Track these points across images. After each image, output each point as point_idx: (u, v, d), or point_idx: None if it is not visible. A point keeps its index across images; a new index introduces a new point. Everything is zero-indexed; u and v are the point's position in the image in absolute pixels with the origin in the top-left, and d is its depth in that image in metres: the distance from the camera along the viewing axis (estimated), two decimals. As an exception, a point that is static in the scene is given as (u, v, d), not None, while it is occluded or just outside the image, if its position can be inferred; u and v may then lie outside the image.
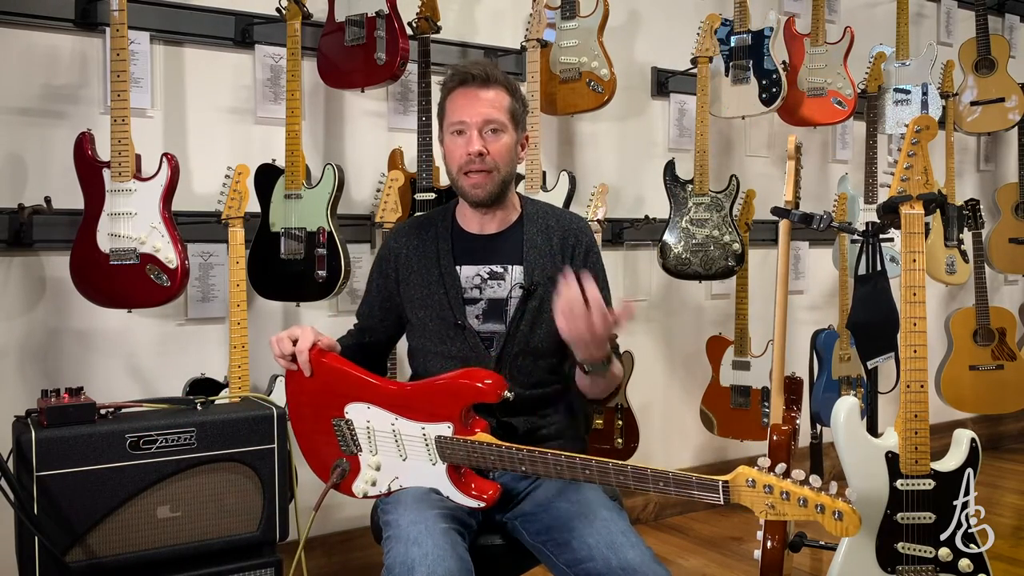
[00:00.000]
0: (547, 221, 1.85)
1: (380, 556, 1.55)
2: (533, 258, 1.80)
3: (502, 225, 1.84)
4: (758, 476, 1.40)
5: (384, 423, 1.66)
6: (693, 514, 3.55)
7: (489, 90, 1.74)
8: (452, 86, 1.77)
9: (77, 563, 1.78)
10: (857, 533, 1.37)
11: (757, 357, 3.34)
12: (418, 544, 1.48)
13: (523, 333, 1.78)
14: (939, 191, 1.98)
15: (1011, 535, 3.31)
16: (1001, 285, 4.64)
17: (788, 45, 3.47)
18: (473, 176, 1.74)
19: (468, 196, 1.78)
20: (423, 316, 1.83)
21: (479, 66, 1.75)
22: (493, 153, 1.73)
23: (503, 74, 1.78)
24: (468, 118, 1.73)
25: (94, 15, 2.44)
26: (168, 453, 1.86)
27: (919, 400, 1.88)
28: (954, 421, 4.14)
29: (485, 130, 1.73)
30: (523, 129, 1.82)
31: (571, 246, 1.83)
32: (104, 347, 2.51)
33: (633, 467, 1.47)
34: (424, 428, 1.63)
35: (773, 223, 3.37)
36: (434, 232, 1.86)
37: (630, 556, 1.52)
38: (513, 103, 1.77)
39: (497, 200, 1.79)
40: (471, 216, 1.84)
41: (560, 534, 1.60)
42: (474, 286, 1.81)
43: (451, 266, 1.81)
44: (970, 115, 4.10)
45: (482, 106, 1.73)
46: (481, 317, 1.80)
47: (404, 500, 1.62)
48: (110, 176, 2.29)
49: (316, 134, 2.82)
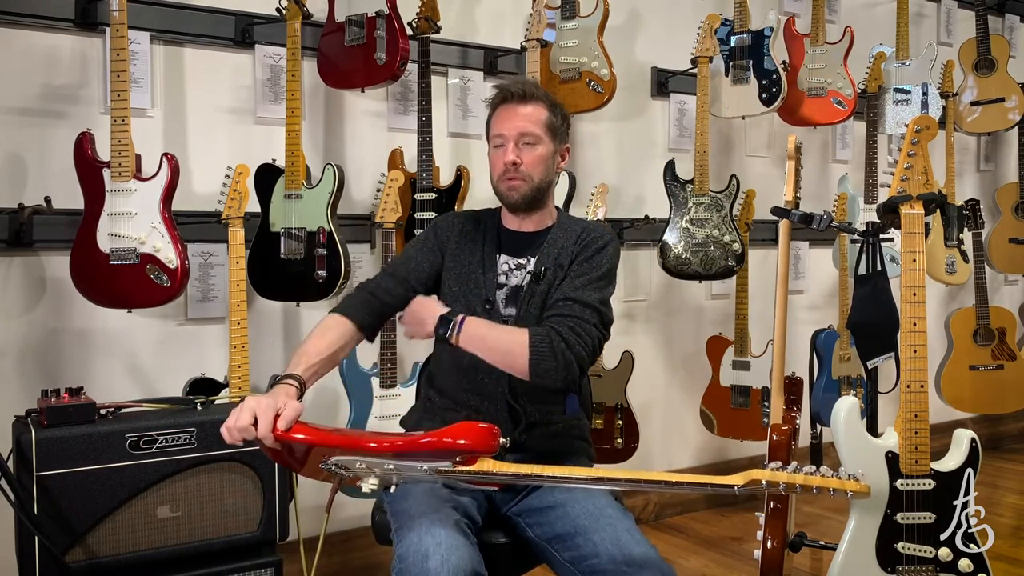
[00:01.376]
0: (576, 226, 1.94)
1: (380, 556, 1.55)
2: (549, 250, 1.89)
3: (537, 227, 1.95)
4: (771, 476, 1.37)
5: (378, 464, 1.50)
6: (693, 514, 3.55)
7: (527, 105, 1.87)
8: (496, 103, 1.91)
9: (77, 563, 1.78)
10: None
11: (757, 357, 3.34)
12: (431, 534, 1.51)
13: (531, 317, 1.83)
14: (939, 191, 1.98)
15: (1011, 535, 3.31)
16: (1001, 285, 4.65)
17: (788, 45, 3.47)
18: (510, 181, 1.86)
19: (504, 198, 1.90)
20: (456, 291, 1.90)
21: (519, 84, 1.90)
22: (526, 163, 1.85)
23: (543, 91, 1.92)
24: (505, 131, 1.86)
25: (94, 15, 2.44)
26: (168, 453, 1.86)
27: (919, 400, 1.89)
28: (954, 421, 4.14)
29: (521, 142, 1.85)
30: (562, 141, 1.93)
31: (584, 240, 1.89)
32: (104, 347, 2.51)
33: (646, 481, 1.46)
34: (423, 465, 1.49)
35: (773, 223, 3.37)
36: (483, 225, 1.98)
37: (636, 552, 1.56)
38: (551, 117, 1.89)
39: (532, 205, 1.89)
40: (511, 218, 1.96)
41: (566, 533, 1.64)
42: (503, 272, 1.91)
43: (493, 252, 1.93)
44: (970, 115, 4.10)
45: (518, 120, 1.86)
46: (504, 302, 1.89)
47: (414, 493, 1.66)
48: (110, 176, 2.29)
49: (316, 134, 2.82)
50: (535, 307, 1.84)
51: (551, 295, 1.83)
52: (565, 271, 1.85)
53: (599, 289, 1.82)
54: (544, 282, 1.85)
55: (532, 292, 1.85)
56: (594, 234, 1.90)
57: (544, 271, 1.86)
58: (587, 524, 1.62)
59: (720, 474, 1.45)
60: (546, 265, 1.87)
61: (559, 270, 1.86)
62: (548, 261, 1.87)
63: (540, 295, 1.85)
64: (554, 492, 1.71)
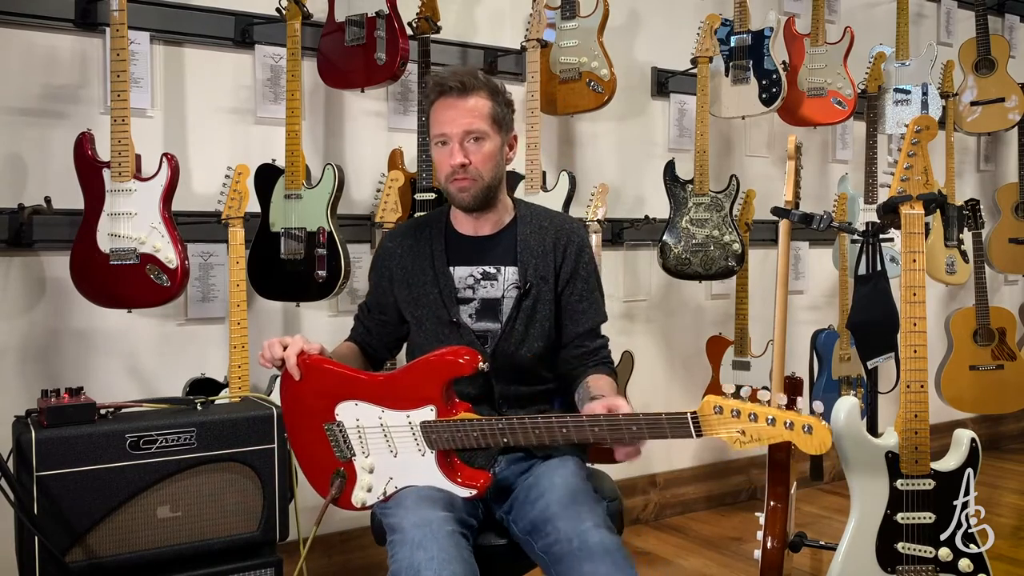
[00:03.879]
0: (541, 222, 1.88)
1: (380, 556, 1.55)
2: (527, 259, 1.84)
3: (495, 227, 1.88)
4: (724, 401, 1.45)
5: (372, 419, 1.68)
6: (693, 514, 3.55)
7: (468, 98, 1.75)
8: (433, 97, 1.80)
9: (77, 563, 1.78)
10: (829, 446, 1.41)
11: (757, 357, 3.34)
12: (423, 548, 1.49)
13: (518, 332, 1.82)
14: (939, 191, 1.98)
15: (1011, 535, 3.31)
16: (1001, 285, 4.64)
17: (788, 45, 3.47)
18: (459, 182, 1.78)
19: (456, 201, 1.82)
20: (419, 315, 1.87)
21: (457, 76, 1.77)
22: (476, 162, 1.76)
23: (483, 78, 1.79)
24: (448, 130, 1.76)
25: (94, 15, 2.44)
26: (168, 453, 1.86)
27: (919, 400, 1.89)
28: (954, 421, 4.14)
29: (467, 140, 1.76)
30: (509, 130, 1.84)
31: (563, 246, 1.86)
32: (104, 347, 2.51)
33: (605, 416, 1.55)
34: (409, 416, 1.64)
35: (773, 223, 3.37)
36: (428, 234, 1.90)
37: (592, 539, 1.54)
38: (495, 107, 1.78)
39: (485, 204, 1.82)
40: (464, 219, 1.88)
41: (540, 521, 1.62)
42: (467, 286, 1.85)
43: (444, 267, 1.86)
44: (970, 115, 4.10)
45: (462, 116, 1.75)
46: (475, 316, 1.84)
47: (406, 502, 1.62)
48: (110, 176, 2.29)
49: (316, 134, 2.82)
50: (521, 324, 1.82)
51: (539, 309, 1.83)
52: (553, 285, 1.84)
53: (603, 293, 1.91)
54: (531, 297, 1.83)
55: (518, 308, 1.82)
56: (573, 238, 1.87)
57: (529, 287, 1.82)
58: (557, 511, 1.60)
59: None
60: (530, 280, 1.82)
61: (543, 283, 1.83)
62: (531, 275, 1.83)
63: (526, 311, 1.82)
64: (538, 485, 1.70)
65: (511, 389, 1.83)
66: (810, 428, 1.40)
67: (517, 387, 1.83)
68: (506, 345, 1.82)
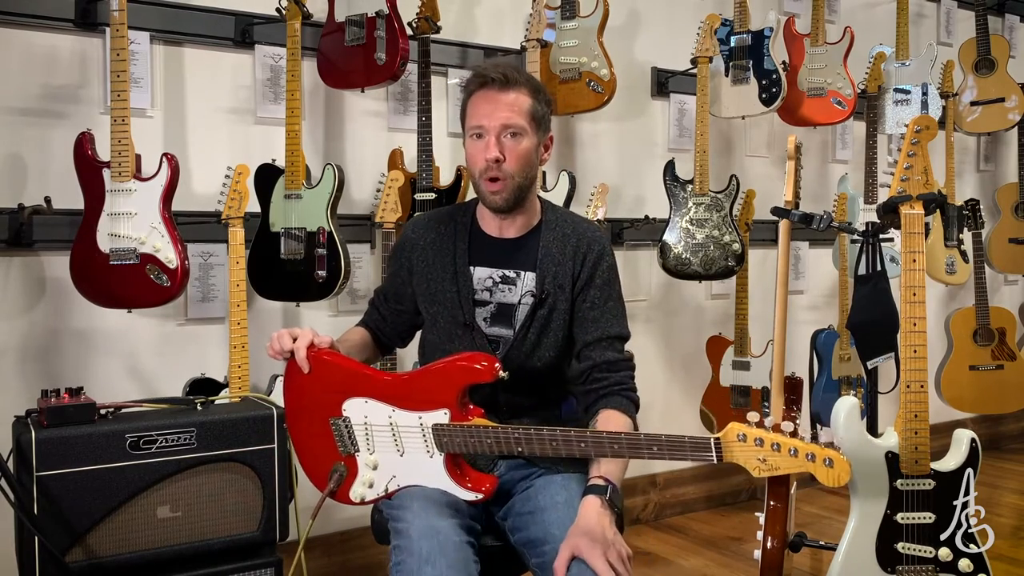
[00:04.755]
0: (564, 229, 1.82)
1: (380, 556, 1.55)
2: (546, 266, 1.79)
3: (521, 231, 1.82)
4: (748, 430, 1.45)
5: (381, 417, 1.67)
6: (693, 514, 3.55)
7: (509, 93, 1.71)
8: (472, 88, 1.74)
9: (77, 563, 1.78)
10: (848, 479, 1.43)
11: (757, 357, 3.34)
12: (431, 563, 1.46)
13: (531, 340, 1.78)
14: (939, 191, 1.97)
15: (1011, 535, 3.31)
16: (1001, 285, 4.64)
17: (788, 45, 3.47)
18: (492, 183, 1.72)
19: (487, 201, 1.76)
20: (433, 312, 1.84)
21: (500, 68, 1.72)
22: (510, 160, 1.70)
23: (526, 75, 1.75)
24: (486, 123, 1.71)
25: (94, 15, 2.44)
26: (168, 453, 1.86)
27: (919, 400, 1.88)
28: (954, 421, 4.14)
29: (504, 135, 1.70)
30: (546, 131, 1.79)
31: (583, 253, 1.80)
32: (104, 347, 2.51)
33: (626, 435, 1.54)
34: (421, 417, 1.63)
35: (773, 223, 3.37)
36: (453, 229, 1.84)
37: None
38: (535, 104, 1.73)
39: (516, 206, 1.76)
40: (490, 219, 1.82)
41: (537, 539, 1.60)
42: (485, 288, 1.80)
43: (465, 266, 1.80)
44: (970, 115, 4.10)
45: (501, 110, 1.70)
46: (489, 320, 1.80)
47: (411, 504, 1.59)
48: (110, 176, 2.29)
49: (316, 134, 2.82)
50: (534, 332, 1.78)
51: (554, 318, 1.77)
52: (569, 293, 1.77)
53: (623, 310, 1.82)
54: (546, 306, 1.77)
55: (532, 316, 1.77)
56: (594, 246, 1.80)
57: (546, 296, 1.77)
58: (557, 534, 1.56)
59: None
60: (548, 289, 1.77)
61: (560, 291, 1.77)
62: (549, 283, 1.77)
63: (541, 320, 1.77)
64: (537, 497, 1.67)
65: (517, 398, 1.79)
66: (831, 462, 1.43)
67: (524, 396, 1.79)
68: (517, 353, 1.77)
